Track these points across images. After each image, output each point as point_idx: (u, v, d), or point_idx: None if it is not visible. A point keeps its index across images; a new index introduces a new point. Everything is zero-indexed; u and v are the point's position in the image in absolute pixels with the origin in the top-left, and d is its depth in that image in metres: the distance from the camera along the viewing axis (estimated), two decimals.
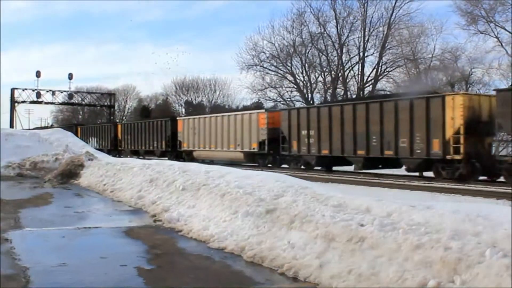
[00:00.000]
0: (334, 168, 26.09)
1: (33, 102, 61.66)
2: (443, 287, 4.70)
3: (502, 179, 18.58)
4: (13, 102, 60.71)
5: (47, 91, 61.62)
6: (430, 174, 21.02)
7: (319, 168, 26.05)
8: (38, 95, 60.73)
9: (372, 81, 51.91)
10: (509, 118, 17.05)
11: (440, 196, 15.71)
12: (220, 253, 7.06)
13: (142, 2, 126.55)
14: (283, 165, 27.84)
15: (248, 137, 29.47)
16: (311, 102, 50.77)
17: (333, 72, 52.84)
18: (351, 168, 25.40)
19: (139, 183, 12.94)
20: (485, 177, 19.81)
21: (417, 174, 22.10)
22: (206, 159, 33.42)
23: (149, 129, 40.93)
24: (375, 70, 51.58)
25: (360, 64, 51.95)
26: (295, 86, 54.81)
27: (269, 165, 28.10)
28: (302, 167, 26.52)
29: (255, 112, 30.54)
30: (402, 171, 22.72)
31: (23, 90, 60.74)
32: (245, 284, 5.68)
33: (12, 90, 60.71)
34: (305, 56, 53.28)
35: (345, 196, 7.61)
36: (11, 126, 57.25)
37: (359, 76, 52.10)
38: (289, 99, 54.72)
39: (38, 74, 60.12)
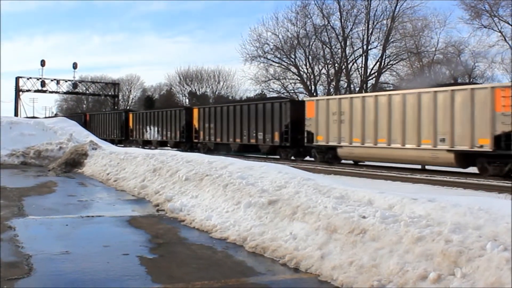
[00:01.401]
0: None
1: (37, 91, 61.81)
2: (443, 279, 4.72)
3: None
4: (18, 91, 60.82)
5: (52, 80, 61.82)
6: None
7: None
8: (43, 84, 60.84)
9: (376, 74, 51.91)
10: None
11: (443, 189, 15.71)
12: (222, 243, 7.09)
13: None
14: None
15: (469, 128, 18.68)
16: (315, 94, 50.74)
17: (336, 65, 52.80)
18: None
19: (143, 173, 12.97)
20: None
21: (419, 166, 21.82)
22: (366, 160, 24.15)
23: (248, 115, 29.87)
24: (378, 63, 51.67)
25: (363, 57, 52.00)
26: (299, 78, 54.79)
27: None
28: None
29: (484, 87, 19.40)
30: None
31: (28, 79, 60.88)
32: (246, 274, 5.70)
33: (17, 79, 60.88)
34: (308, 48, 53.25)
35: (348, 188, 7.63)
36: (16, 114, 57.46)
37: (363, 68, 52.12)
38: (292, 91, 54.73)
39: (42, 63, 60.23)
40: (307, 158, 27.44)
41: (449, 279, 4.67)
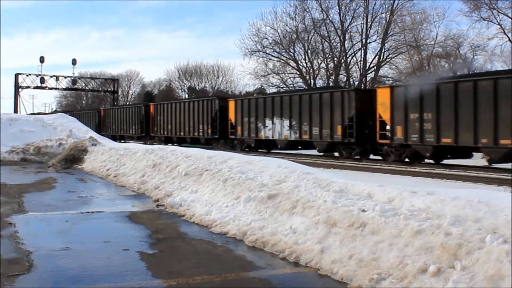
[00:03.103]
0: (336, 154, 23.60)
1: (37, 87, 61.70)
2: (443, 272, 4.72)
3: None
4: (17, 87, 60.73)
5: (51, 77, 61.74)
6: None
7: None
8: (42, 80, 60.75)
9: (375, 67, 51.83)
10: None
11: (442, 182, 15.72)
12: (222, 238, 7.09)
13: None
14: None
15: None
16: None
17: (335, 59, 52.68)
18: None
19: (142, 168, 12.96)
20: None
21: None
22: None
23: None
24: (377, 56, 51.54)
25: (362, 51, 51.87)
26: (298, 73, 54.69)
27: None
28: None
29: None
30: None
31: (27, 75, 60.76)
32: (246, 269, 5.71)
33: (16, 75, 60.80)
34: (307, 43, 53.12)
35: (347, 181, 7.62)
36: (15, 111, 57.34)
37: (362, 62, 52.06)
38: (291, 85, 54.63)
39: (42, 59, 60.06)
40: None
41: (449, 271, 4.67)
